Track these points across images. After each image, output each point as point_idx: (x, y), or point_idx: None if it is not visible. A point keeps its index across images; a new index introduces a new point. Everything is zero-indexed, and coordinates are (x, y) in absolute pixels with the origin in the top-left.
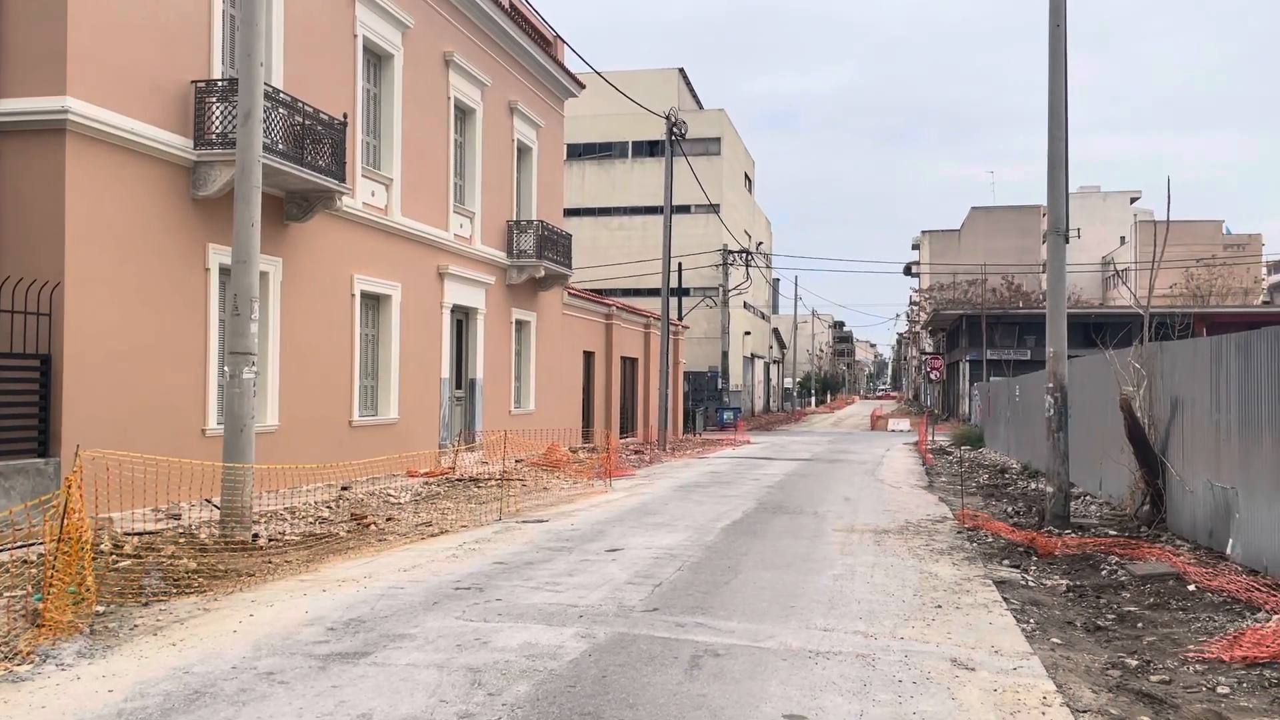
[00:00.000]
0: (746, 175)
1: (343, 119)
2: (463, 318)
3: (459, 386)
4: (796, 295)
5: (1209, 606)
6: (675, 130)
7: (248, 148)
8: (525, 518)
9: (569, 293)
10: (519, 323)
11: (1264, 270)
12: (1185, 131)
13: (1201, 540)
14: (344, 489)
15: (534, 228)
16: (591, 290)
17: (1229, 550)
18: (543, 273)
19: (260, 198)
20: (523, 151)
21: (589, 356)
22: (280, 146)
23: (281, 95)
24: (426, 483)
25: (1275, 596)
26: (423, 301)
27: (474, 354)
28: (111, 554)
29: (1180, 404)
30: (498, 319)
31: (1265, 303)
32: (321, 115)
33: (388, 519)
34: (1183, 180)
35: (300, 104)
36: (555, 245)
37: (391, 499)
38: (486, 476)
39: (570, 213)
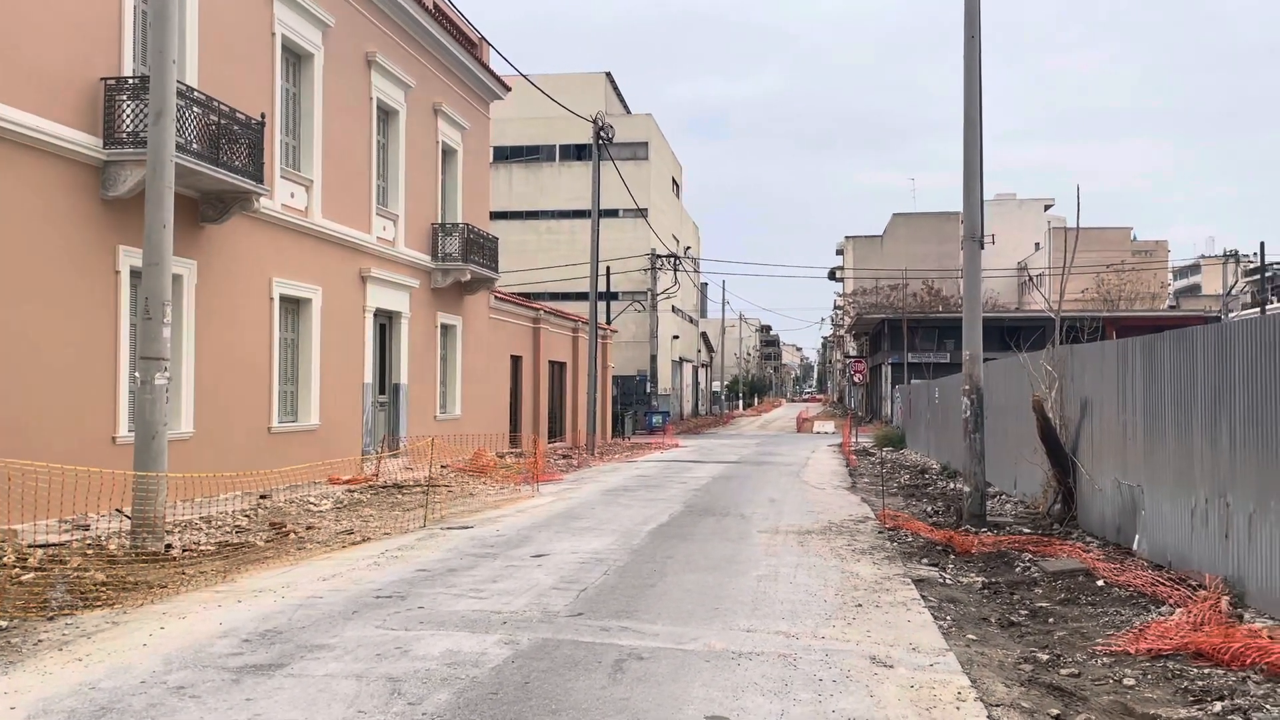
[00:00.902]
0: (674, 180)
1: (260, 119)
2: (386, 322)
3: (383, 392)
4: (724, 299)
5: (1117, 601)
6: (602, 134)
7: (160, 147)
8: (450, 524)
9: (496, 296)
10: (444, 327)
11: (1170, 275)
12: (1096, 141)
13: (1110, 537)
14: (263, 497)
15: (460, 230)
16: (519, 294)
17: (1135, 546)
18: (469, 276)
19: (173, 199)
20: (448, 154)
21: (516, 361)
22: (194, 146)
23: (196, 94)
24: (349, 490)
25: (1178, 590)
26: (345, 305)
27: (398, 359)
28: (15, 567)
29: (1090, 405)
30: (422, 323)
31: (1171, 307)
32: (238, 115)
33: (308, 527)
34: (1094, 189)
35: (216, 103)
36: (481, 248)
37: (312, 507)
38: (411, 483)
39: (497, 216)
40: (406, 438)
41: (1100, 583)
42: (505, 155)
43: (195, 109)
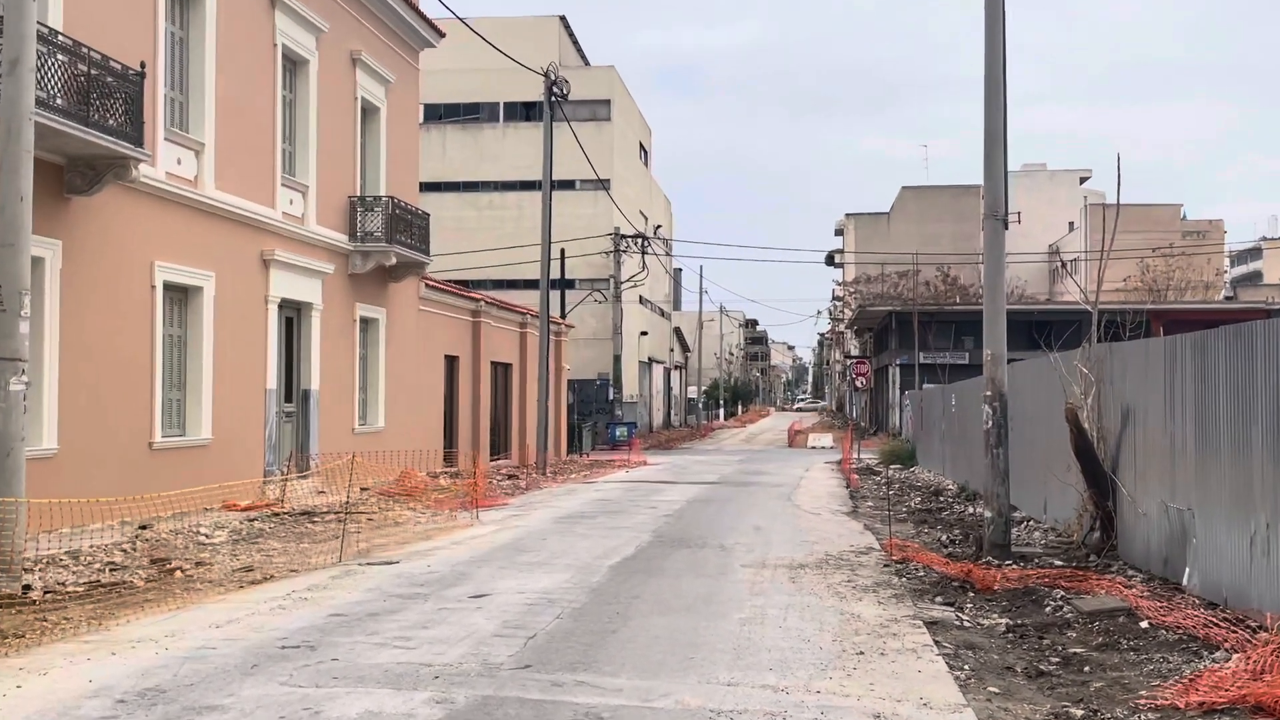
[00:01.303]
0: (642, 145)
1: (140, 69)
2: (294, 315)
3: (289, 399)
4: (702, 288)
5: (1163, 645)
6: (556, 90)
7: (16, 102)
8: (372, 559)
9: (427, 284)
10: (365, 320)
11: (1226, 261)
12: (1140, 103)
13: (1156, 569)
14: (142, 528)
15: (383, 205)
16: (455, 282)
17: (1185, 580)
18: (394, 260)
19: (32, 165)
20: (369, 112)
21: (452, 362)
22: (59, 101)
23: (61, 38)
24: (248, 518)
25: (1236, 632)
26: (243, 295)
27: (308, 359)
28: None
29: (1132, 414)
30: (338, 316)
31: (1227, 298)
32: (113, 64)
33: (198, 563)
34: (1137, 159)
35: (85, 50)
36: (410, 226)
37: (203, 539)
38: (324, 509)
39: (429, 187)
40: (318, 455)
41: (1144, 624)
42: (439, 115)
43: (60, 57)
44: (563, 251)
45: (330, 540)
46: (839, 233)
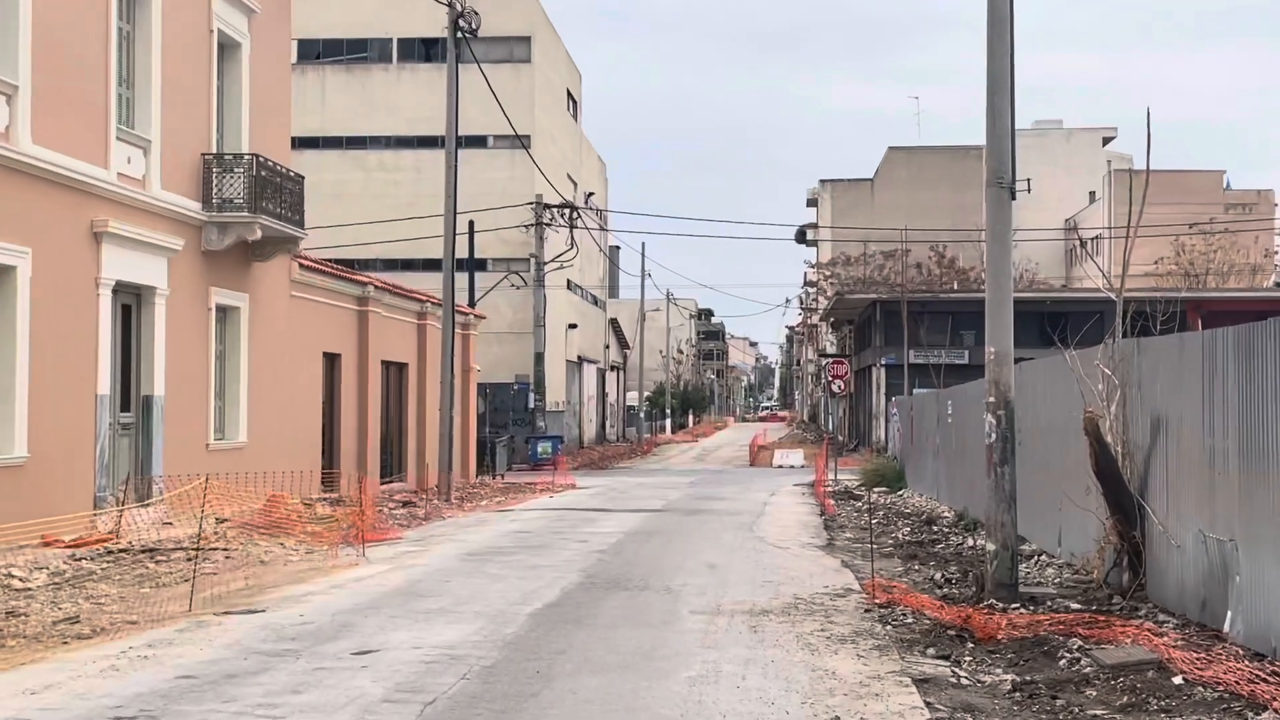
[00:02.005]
0: (570, 94)
1: None
2: (132, 302)
3: (127, 409)
4: (644, 270)
5: (1200, 706)
6: (463, 23)
7: None
8: (231, 607)
9: (302, 264)
10: (223, 309)
11: (1277, 240)
12: (1177, 47)
13: (1192, 613)
14: None
15: (246, 165)
16: (338, 261)
17: (1227, 626)
18: (259, 233)
19: None
20: (228, 49)
21: (333, 361)
22: None
23: None
24: (74, 556)
25: None
26: (67, 276)
27: (150, 358)
28: None
29: (1164, 424)
30: (189, 304)
31: (1279, 284)
32: None
33: (8, 614)
34: (1171, 115)
35: None
36: (280, 192)
37: (15, 582)
38: (171, 545)
39: (304, 143)
40: (164, 477)
41: (1178, 680)
42: (317, 53)
43: None
44: (472, 224)
45: (178, 584)
46: (812, 203)
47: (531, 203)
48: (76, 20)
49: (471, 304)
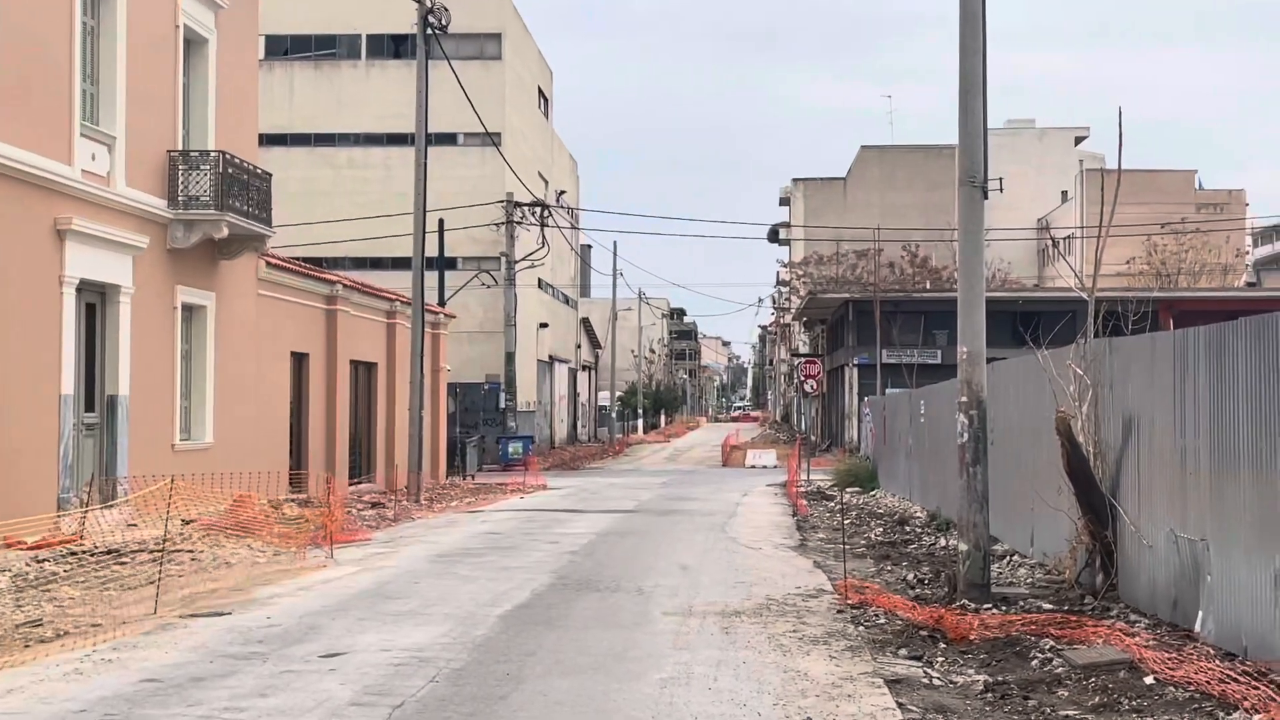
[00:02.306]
0: (541, 92)
1: None
2: (97, 300)
3: (91, 409)
4: (616, 269)
5: (1171, 705)
6: (433, 19)
7: None
8: (198, 609)
9: (270, 263)
10: (189, 308)
11: (1248, 240)
12: (1147, 47)
13: (1163, 613)
14: None
15: (212, 162)
16: (306, 260)
17: (1198, 626)
18: (226, 231)
19: None
20: (194, 44)
21: (301, 361)
22: None
23: None
24: (36, 558)
25: (1257, 689)
26: (29, 274)
27: (115, 358)
28: None
29: (1136, 424)
30: (155, 303)
31: (1250, 284)
32: None
33: None
34: (1144, 115)
35: None
36: (247, 189)
37: None
38: (136, 547)
39: (272, 140)
40: (129, 478)
41: (1149, 680)
42: (285, 49)
43: None
44: (441, 223)
45: (144, 586)
46: (784, 202)
47: (502, 201)
48: (40, 15)
49: (441, 303)
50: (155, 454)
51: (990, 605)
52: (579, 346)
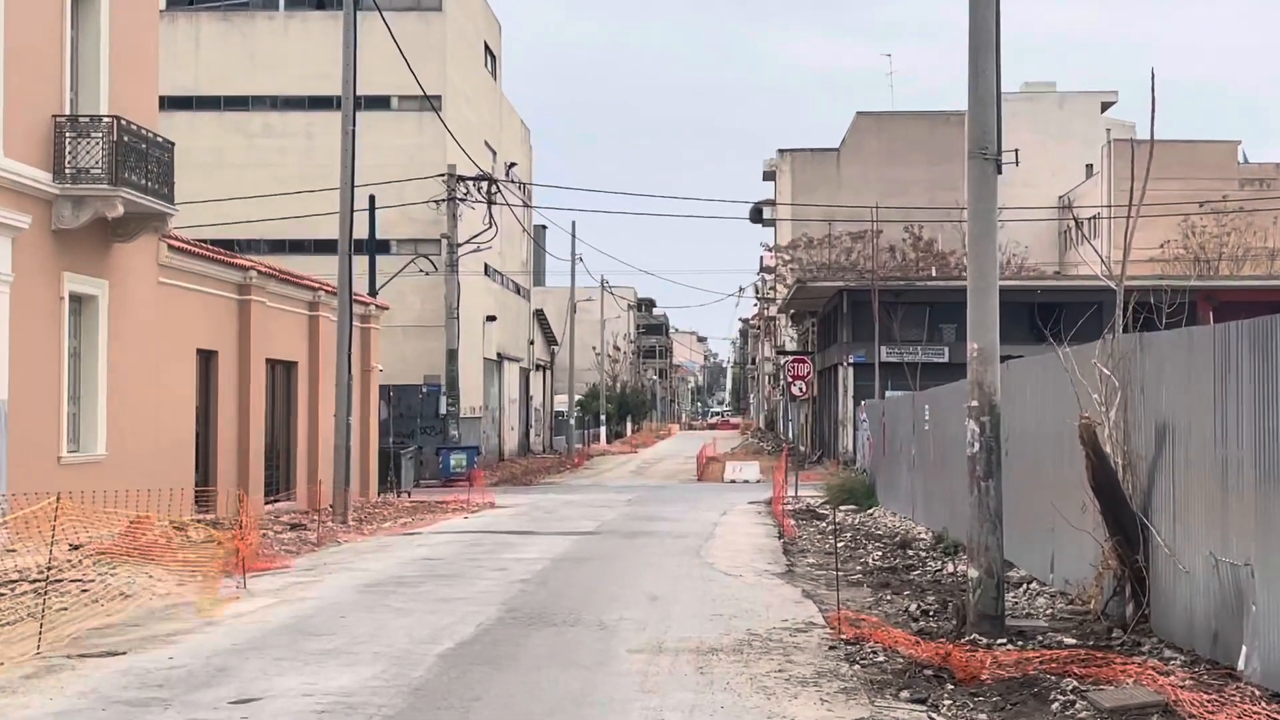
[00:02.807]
0: (488, 48)
1: None
2: None
3: None
4: (575, 254)
5: None
6: None
7: None
8: (88, 648)
9: (172, 245)
10: (78, 298)
11: None
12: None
13: (1202, 648)
14: None
15: (105, 129)
16: (215, 243)
17: (1241, 663)
18: (121, 209)
19: None
20: None
21: (209, 359)
22: None
23: None
24: None
25: None
26: None
27: None
28: None
29: (1170, 431)
30: (37, 292)
31: None
32: None
33: None
34: (1179, 76)
35: None
36: (146, 161)
37: None
38: (15, 576)
39: (175, 104)
40: (7, 496)
41: None
42: None
43: None
44: (372, 200)
45: (23, 622)
46: (769, 176)
47: (443, 174)
48: None
49: (372, 292)
50: (38, 468)
51: (1004, 640)
52: (532, 343)
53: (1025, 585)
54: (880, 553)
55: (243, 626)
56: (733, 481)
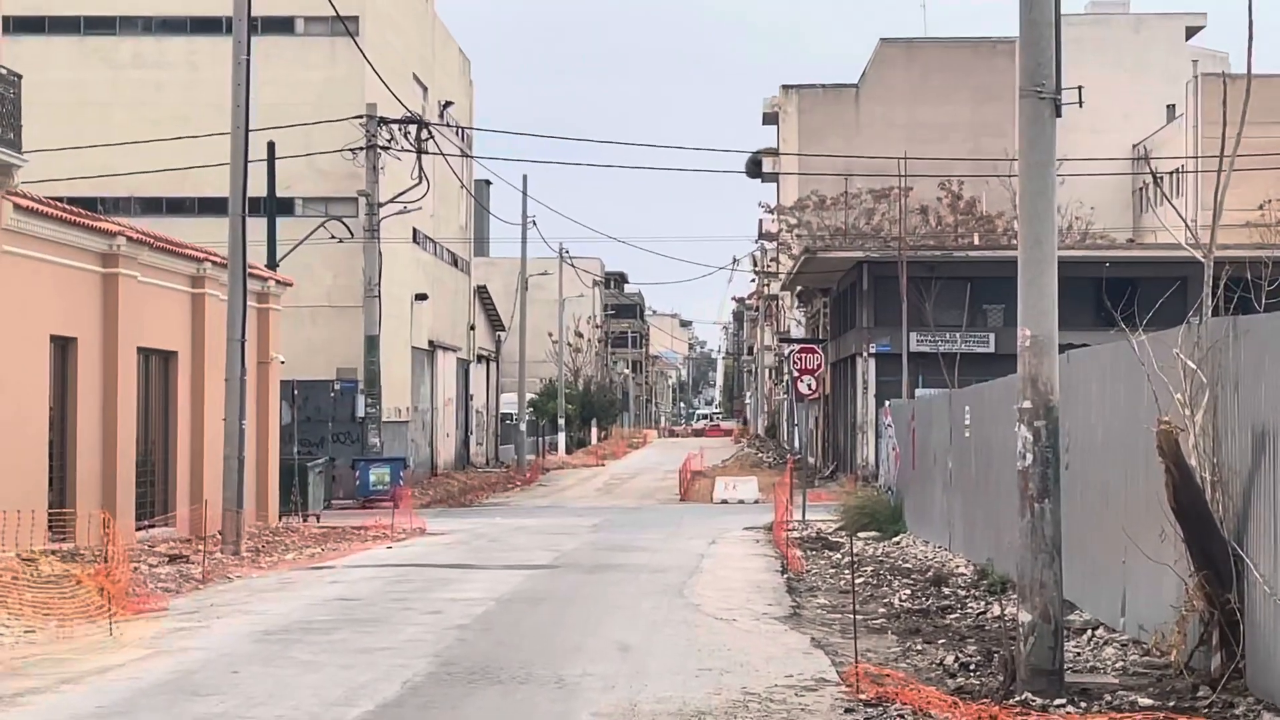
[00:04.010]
0: None
1: None
2: None
3: None
4: (526, 216)
5: None
6: None
7: None
8: None
9: (18, 205)
10: None
11: None
12: None
13: None
14: None
15: None
16: (72, 200)
17: None
18: None
19: None
20: None
21: (65, 348)
22: None
23: None
24: None
25: None
26: None
27: None
28: None
29: (1272, 440)
30: None
31: None
32: None
33: None
34: None
35: None
36: None
37: None
38: None
39: (22, 26)
40: None
41: None
42: None
43: None
44: (271, 147)
45: None
46: (770, 119)
47: (361, 116)
48: None
49: (272, 265)
50: None
51: (1064, 700)
52: (473, 328)
53: (1090, 632)
54: (909, 591)
55: (109, 685)
56: (724, 502)
